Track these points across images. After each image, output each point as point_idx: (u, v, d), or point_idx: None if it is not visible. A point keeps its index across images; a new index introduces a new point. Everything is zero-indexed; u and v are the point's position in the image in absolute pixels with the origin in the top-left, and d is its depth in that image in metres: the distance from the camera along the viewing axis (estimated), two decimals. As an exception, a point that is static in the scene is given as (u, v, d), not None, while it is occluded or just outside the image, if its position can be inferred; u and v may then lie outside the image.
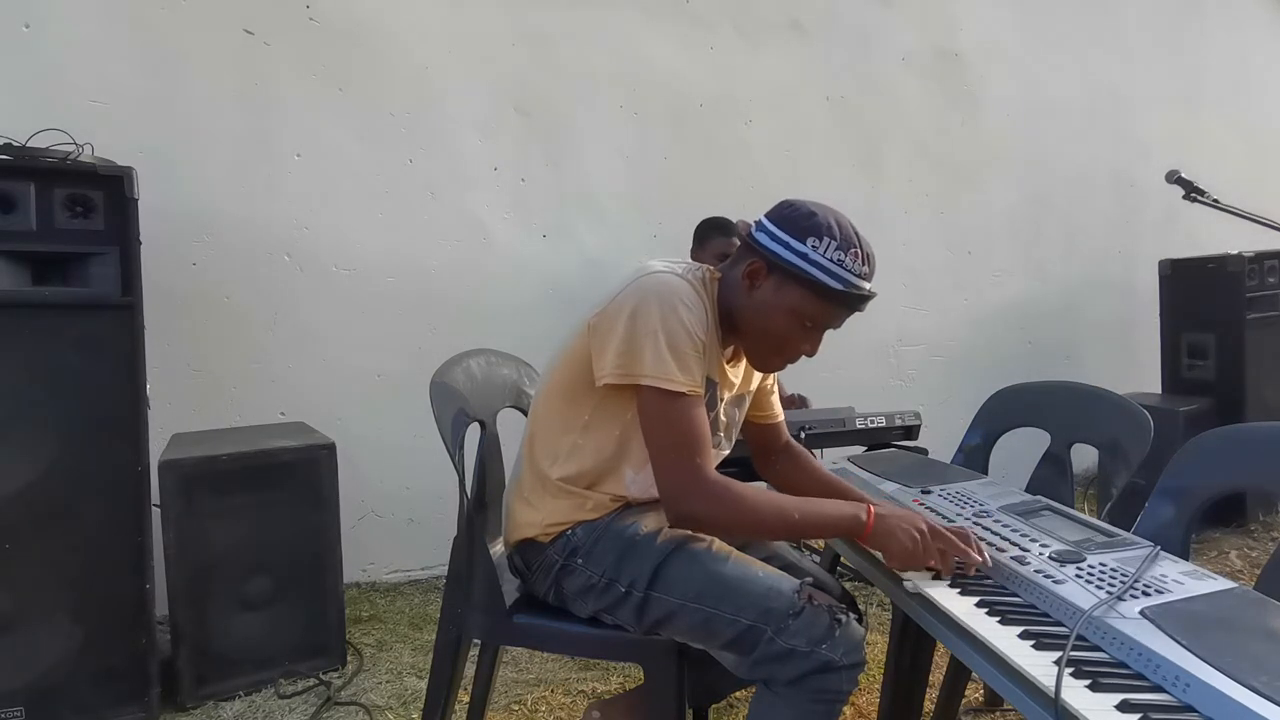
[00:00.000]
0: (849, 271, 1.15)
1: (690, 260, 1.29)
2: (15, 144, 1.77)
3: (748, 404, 1.40)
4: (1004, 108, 3.80)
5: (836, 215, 1.18)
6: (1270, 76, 4.52)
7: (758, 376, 1.39)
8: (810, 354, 1.24)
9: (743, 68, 3.27)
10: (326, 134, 2.66)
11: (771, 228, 1.18)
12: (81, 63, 2.33)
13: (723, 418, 1.31)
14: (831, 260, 1.14)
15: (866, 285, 1.18)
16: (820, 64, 3.42)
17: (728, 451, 1.36)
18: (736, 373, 1.33)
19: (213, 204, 2.52)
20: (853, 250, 1.15)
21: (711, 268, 1.28)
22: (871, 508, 1.14)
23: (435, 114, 2.80)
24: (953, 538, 1.10)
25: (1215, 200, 2.18)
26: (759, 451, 1.50)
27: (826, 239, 1.14)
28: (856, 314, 1.21)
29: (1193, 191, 2.19)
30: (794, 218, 1.17)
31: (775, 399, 1.48)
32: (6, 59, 2.25)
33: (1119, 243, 4.09)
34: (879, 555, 1.15)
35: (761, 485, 1.56)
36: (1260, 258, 3.13)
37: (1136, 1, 4.13)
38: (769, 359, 1.27)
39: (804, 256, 1.14)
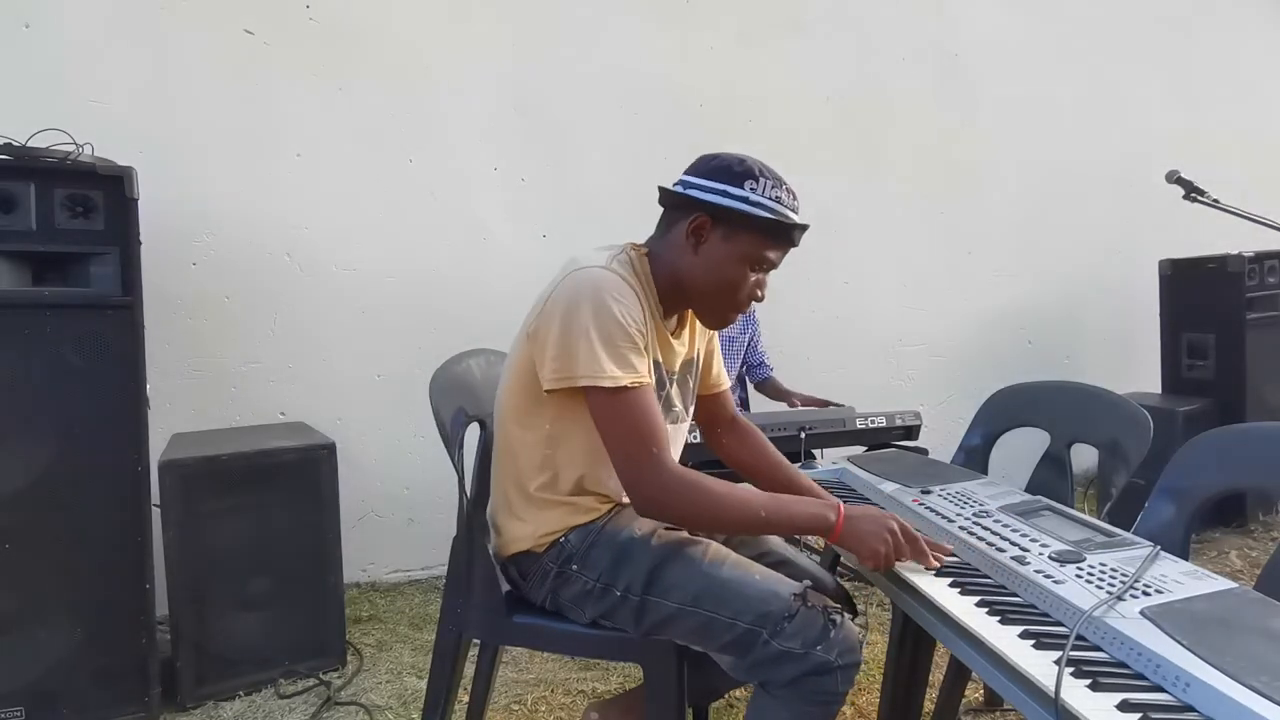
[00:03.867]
0: (786, 206, 1.20)
1: (615, 244, 1.28)
2: (15, 144, 1.77)
3: (700, 368, 1.41)
4: (1004, 108, 3.79)
5: (756, 159, 1.22)
6: (1270, 76, 4.52)
7: (702, 338, 1.40)
8: (760, 298, 1.27)
9: (743, 68, 3.27)
10: (326, 134, 2.66)
11: (704, 181, 1.21)
12: (81, 63, 2.33)
13: (674, 394, 1.31)
14: (771, 199, 1.18)
15: (799, 217, 1.23)
16: (820, 64, 3.42)
17: (690, 421, 1.38)
18: (681, 342, 1.33)
19: (213, 204, 2.52)
20: (784, 187, 1.21)
21: (634, 244, 1.28)
22: (842, 508, 1.15)
23: (435, 114, 2.80)
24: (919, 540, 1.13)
25: (1215, 200, 2.18)
26: (705, 424, 1.51)
27: (761, 180, 1.18)
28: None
29: (1193, 191, 2.20)
30: (724, 167, 1.20)
31: (718, 367, 1.49)
32: (6, 59, 2.26)
33: (1119, 243, 4.08)
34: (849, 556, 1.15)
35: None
36: (1260, 258, 3.13)
37: (1136, 2, 4.13)
38: (724, 313, 1.29)
39: (746, 200, 1.18)
